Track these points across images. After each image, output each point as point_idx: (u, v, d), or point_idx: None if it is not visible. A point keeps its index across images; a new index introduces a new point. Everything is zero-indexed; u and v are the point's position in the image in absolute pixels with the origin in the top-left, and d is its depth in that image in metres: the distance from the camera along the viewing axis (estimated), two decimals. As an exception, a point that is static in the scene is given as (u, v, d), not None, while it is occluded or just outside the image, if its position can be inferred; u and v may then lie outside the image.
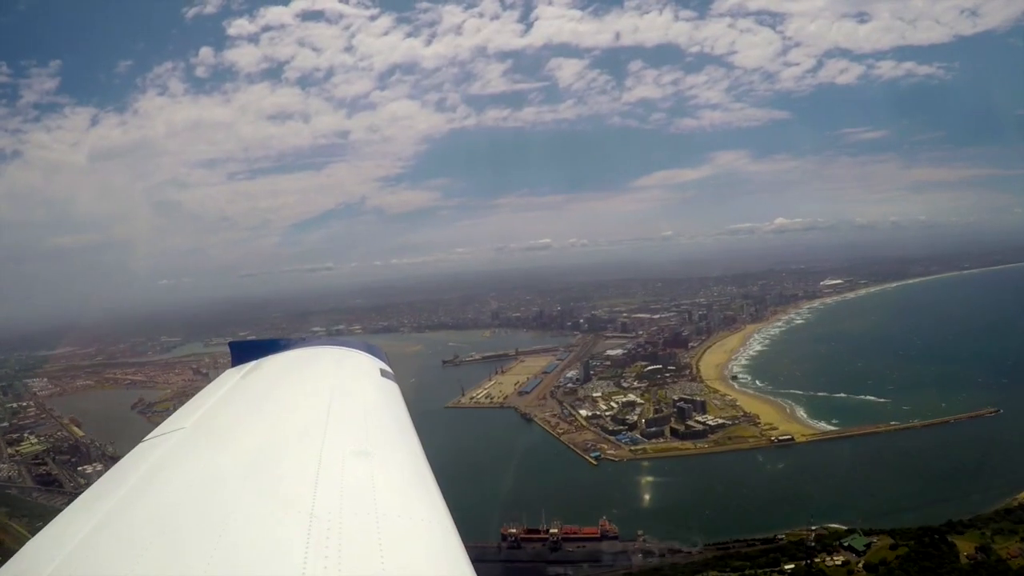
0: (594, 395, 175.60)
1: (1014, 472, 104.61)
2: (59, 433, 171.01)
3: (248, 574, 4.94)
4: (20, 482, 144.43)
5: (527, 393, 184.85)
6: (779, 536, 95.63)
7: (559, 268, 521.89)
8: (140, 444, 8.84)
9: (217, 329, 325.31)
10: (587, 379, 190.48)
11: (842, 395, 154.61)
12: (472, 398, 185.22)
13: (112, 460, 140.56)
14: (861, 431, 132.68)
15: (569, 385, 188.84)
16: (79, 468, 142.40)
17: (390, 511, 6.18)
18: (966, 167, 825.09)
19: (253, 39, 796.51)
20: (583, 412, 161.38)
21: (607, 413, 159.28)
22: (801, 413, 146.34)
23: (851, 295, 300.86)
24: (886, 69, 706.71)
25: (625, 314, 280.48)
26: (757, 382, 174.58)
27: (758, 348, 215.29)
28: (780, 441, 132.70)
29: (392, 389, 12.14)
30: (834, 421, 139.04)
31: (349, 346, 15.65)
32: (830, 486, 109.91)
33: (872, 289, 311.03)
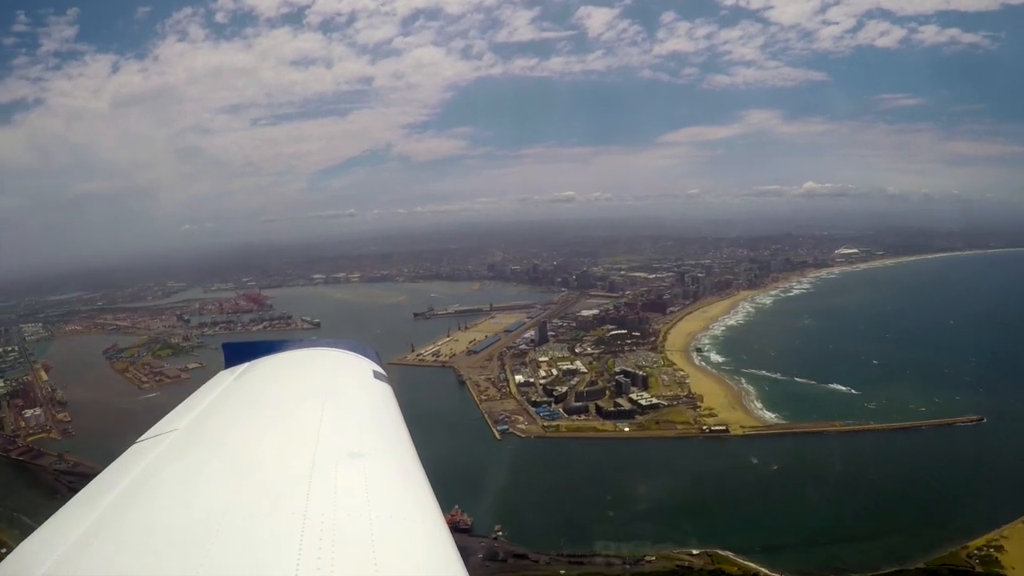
0: (540, 359, 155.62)
1: (976, 508, 79.37)
2: (26, 377, 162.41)
3: None
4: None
5: (476, 353, 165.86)
6: (648, 557, 74.66)
7: (580, 221, 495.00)
8: (133, 446, 8.25)
9: (223, 275, 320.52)
10: (543, 341, 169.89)
11: (808, 381, 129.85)
12: (419, 355, 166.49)
13: (60, 405, 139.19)
14: (809, 428, 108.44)
15: (523, 346, 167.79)
16: (23, 412, 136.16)
17: (383, 513, 6.01)
18: (1006, 143, 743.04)
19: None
20: (518, 378, 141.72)
21: (542, 381, 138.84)
22: (753, 399, 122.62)
23: (863, 266, 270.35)
24: (928, 34, 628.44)
25: (624, 272, 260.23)
26: (720, 358, 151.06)
27: (741, 318, 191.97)
28: (712, 432, 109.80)
29: (385, 391, 11.29)
30: (785, 412, 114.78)
31: (342, 348, 14.11)
32: (740, 498, 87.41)
33: (888, 261, 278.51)
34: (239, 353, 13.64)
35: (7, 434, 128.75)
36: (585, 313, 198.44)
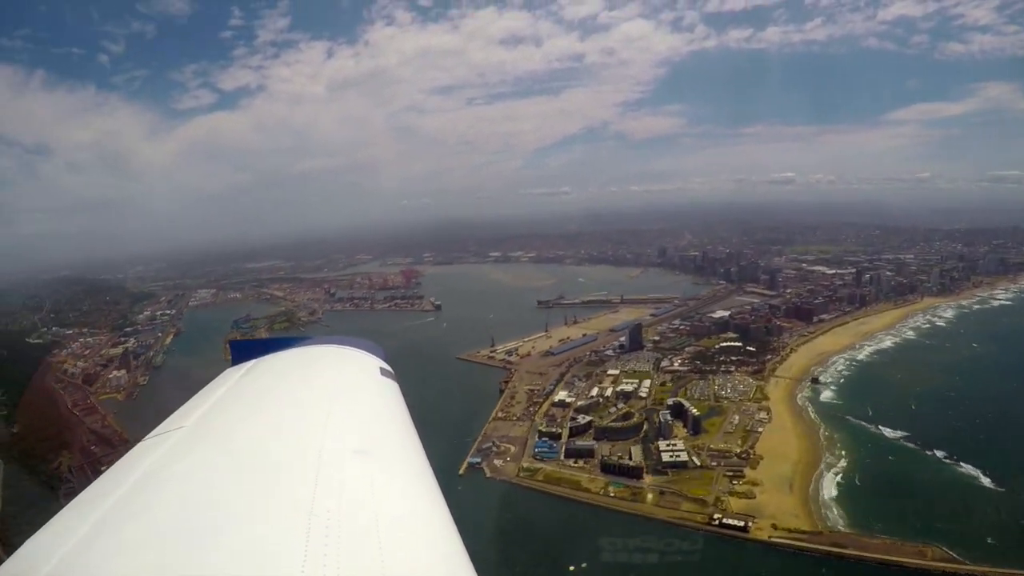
0: (610, 372, 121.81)
1: None
2: (151, 340, 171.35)
3: (247, 573, 4.60)
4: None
5: (554, 355, 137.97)
6: None
7: (794, 205, 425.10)
8: (140, 443, 7.86)
9: (410, 250, 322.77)
10: (633, 348, 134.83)
11: (938, 455, 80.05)
12: (492, 352, 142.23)
13: (154, 369, 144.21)
14: (880, 554, 62.68)
15: (608, 352, 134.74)
16: (111, 372, 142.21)
17: (389, 510, 5.80)
18: None
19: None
20: (560, 395, 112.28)
21: (580, 402, 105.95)
22: (832, 476, 77.78)
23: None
24: None
25: (806, 264, 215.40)
26: (835, 398, 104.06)
27: (901, 338, 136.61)
28: (723, 526, 69.63)
29: (392, 388, 10.60)
30: (863, 510, 69.65)
31: (349, 345, 12.84)
32: None
33: None
34: (246, 350, 12.30)
35: (85, 388, 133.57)
36: (718, 314, 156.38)
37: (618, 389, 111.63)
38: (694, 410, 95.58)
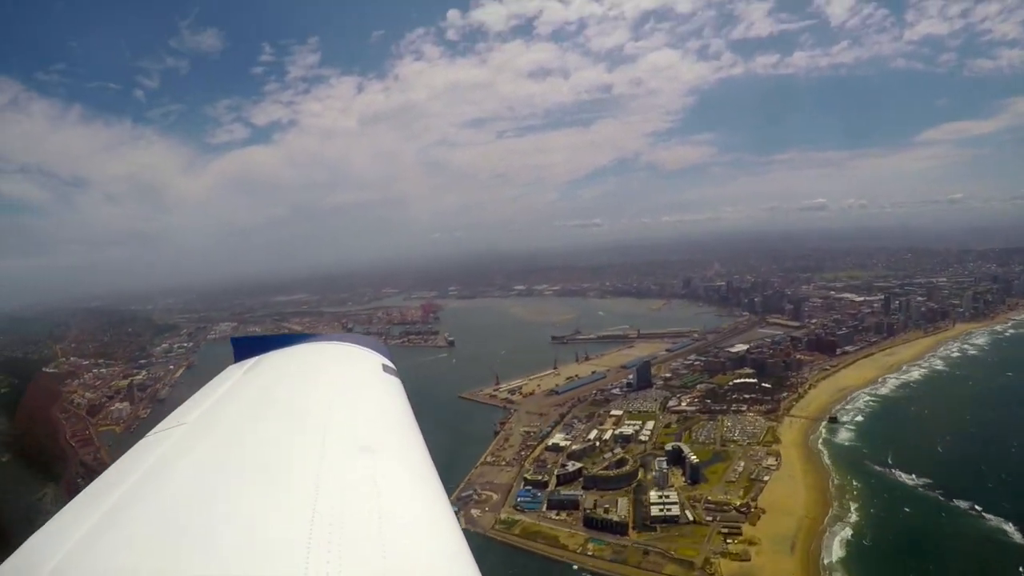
0: (614, 412, 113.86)
1: None
2: (161, 373, 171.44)
3: (250, 571, 4.46)
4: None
5: (558, 394, 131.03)
6: None
7: (825, 232, 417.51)
8: (141, 440, 7.67)
9: (437, 284, 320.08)
10: (641, 386, 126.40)
11: (964, 505, 70.26)
12: (494, 391, 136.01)
13: (158, 402, 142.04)
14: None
15: (615, 390, 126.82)
16: (114, 404, 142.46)
17: (393, 509, 5.57)
18: None
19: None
20: (555, 439, 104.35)
21: (573, 447, 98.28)
22: (842, 532, 68.36)
23: None
24: None
25: (834, 292, 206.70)
26: (854, 439, 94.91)
27: (930, 369, 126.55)
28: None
29: (395, 385, 10.22)
30: (876, 574, 60.06)
31: (352, 342, 12.53)
32: None
33: None
34: (249, 347, 11.94)
35: (87, 420, 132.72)
36: (736, 348, 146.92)
37: (618, 432, 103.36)
38: (693, 456, 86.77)
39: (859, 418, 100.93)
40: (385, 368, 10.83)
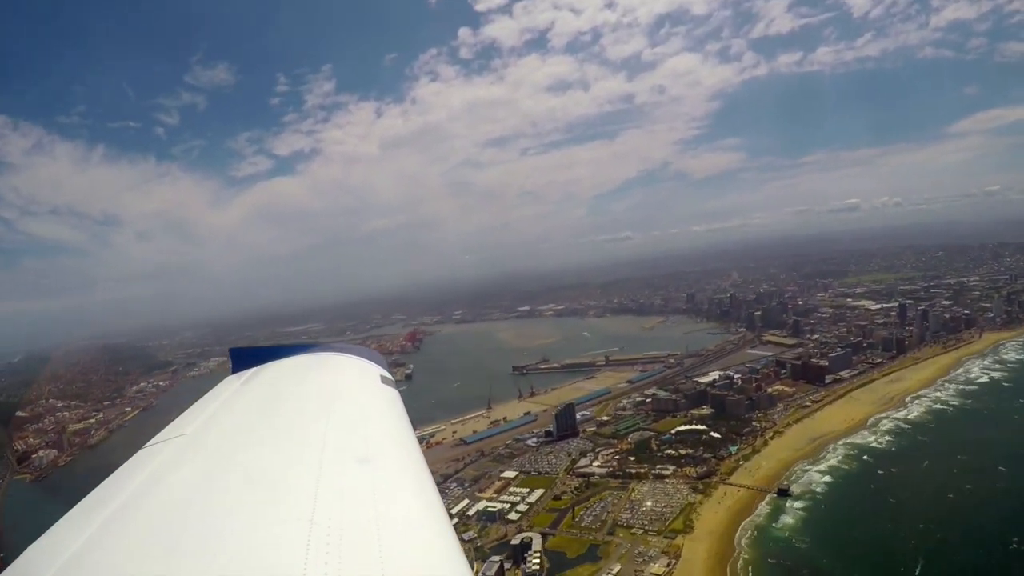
0: (505, 474, 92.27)
1: None
2: (114, 414, 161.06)
3: None
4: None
5: (467, 444, 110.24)
6: None
7: (857, 232, 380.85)
8: (139, 451, 7.60)
9: (443, 308, 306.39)
10: (562, 436, 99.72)
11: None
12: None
13: (88, 448, 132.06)
14: None
15: (530, 442, 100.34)
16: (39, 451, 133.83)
17: (390, 518, 5.47)
18: None
19: (505, 10, 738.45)
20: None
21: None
22: None
23: None
24: None
25: (849, 300, 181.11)
26: (801, 532, 67.27)
27: (944, 397, 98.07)
28: None
29: (392, 395, 10.04)
30: None
31: (349, 353, 12.18)
32: None
33: None
34: (246, 358, 11.77)
35: (11, 467, 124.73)
36: (708, 378, 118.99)
37: (483, 507, 76.41)
38: (535, 561, 59.27)
39: (820, 489, 72.82)
40: (382, 379, 10.31)
